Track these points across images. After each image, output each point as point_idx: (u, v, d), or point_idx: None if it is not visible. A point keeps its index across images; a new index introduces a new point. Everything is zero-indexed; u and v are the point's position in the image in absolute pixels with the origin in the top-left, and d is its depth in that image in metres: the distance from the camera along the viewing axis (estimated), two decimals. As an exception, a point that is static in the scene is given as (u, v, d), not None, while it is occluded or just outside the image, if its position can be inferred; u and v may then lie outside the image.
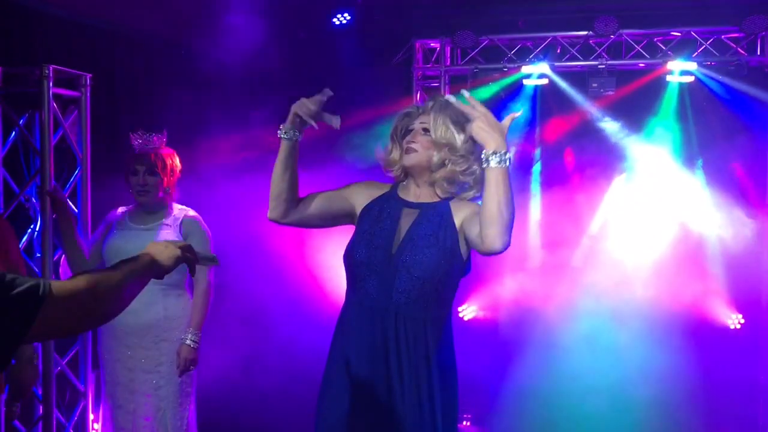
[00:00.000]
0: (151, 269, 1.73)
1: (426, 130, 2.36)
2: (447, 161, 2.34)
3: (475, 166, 2.35)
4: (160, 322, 3.29)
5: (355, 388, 2.31)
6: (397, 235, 2.34)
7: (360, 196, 2.44)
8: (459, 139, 2.33)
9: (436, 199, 2.39)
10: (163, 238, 3.14)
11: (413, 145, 2.36)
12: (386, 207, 2.40)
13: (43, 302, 1.38)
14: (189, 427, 3.40)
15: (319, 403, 2.41)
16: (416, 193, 2.41)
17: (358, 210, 2.43)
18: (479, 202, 2.30)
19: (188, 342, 3.28)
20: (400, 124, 2.44)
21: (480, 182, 2.36)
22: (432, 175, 2.37)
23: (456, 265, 2.31)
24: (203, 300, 3.33)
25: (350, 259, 2.36)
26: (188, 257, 1.84)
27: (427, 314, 2.30)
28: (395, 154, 2.44)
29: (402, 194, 2.43)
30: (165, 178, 3.35)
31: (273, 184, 2.33)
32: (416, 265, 2.26)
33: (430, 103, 2.40)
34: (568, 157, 5.56)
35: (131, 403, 3.30)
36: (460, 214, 2.33)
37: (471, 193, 2.40)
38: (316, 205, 2.39)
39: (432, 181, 2.38)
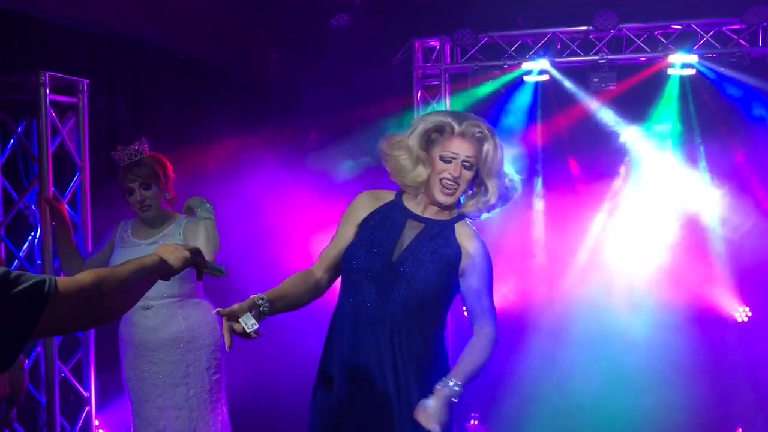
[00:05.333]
0: (160, 269, 1.74)
1: (469, 165, 2.29)
2: (481, 193, 2.34)
3: (511, 194, 2.39)
4: (182, 333, 3.25)
5: (347, 396, 2.30)
6: (399, 245, 2.31)
7: (360, 215, 2.39)
8: (503, 172, 2.34)
9: (443, 218, 2.36)
10: None
11: (457, 180, 2.28)
12: (389, 215, 2.36)
13: (48, 299, 1.38)
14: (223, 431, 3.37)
15: (312, 403, 2.40)
16: (425, 207, 2.37)
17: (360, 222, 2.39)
18: (483, 242, 2.35)
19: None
20: (427, 133, 2.31)
21: (494, 207, 2.39)
22: (464, 209, 2.36)
23: (454, 284, 2.31)
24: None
25: (348, 264, 2.33)
26: (196, 261, 1.86)
27: (422, 327, 2.28)
28: (422, 167, 2.31)
29: (408, 204, 2.39)
30: (161, 187, 3.27)
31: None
32: (417, 278, 2.25)
33: (476, 132, 2.28)
34: (571, 159, 5.54)
35: (161, 420, 3.24)
36: (465, 244, 2.32)
37: (482, 211, 2.39)
38: (336, 263, 2.39)
39: (462, 210, 2.36)
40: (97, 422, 3.97)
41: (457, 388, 2.15)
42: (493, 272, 2.36)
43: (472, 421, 5.28)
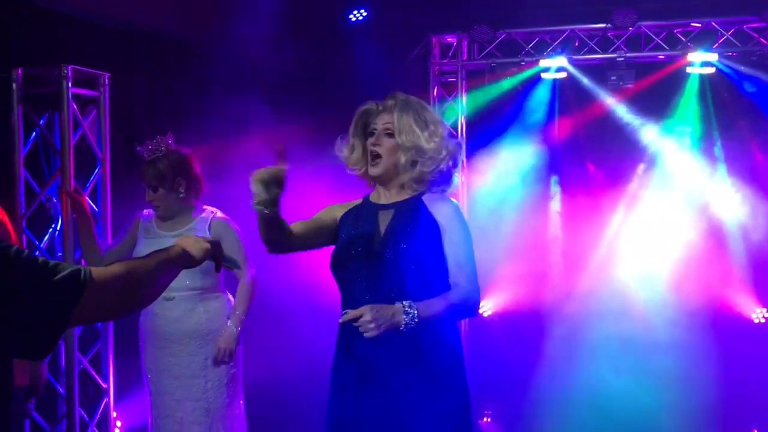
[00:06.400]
0: (183, 259, 1.79)
1: (389, 133, 2.35)
2: (416, 162, 2.35)
3: (443, 164, 2.37)
4: (202, 325, 3.28)
5: (359, 389, 2.32)
6: (376, 234, 2.35)
7: (337, 213, 2.47)
8: (424, 138, 2.34)
9: (407, 197, 2.40)
10: None
11: (378, 149, 2.36)
12: (362, 213, 2.43)
13: (84, 288, 1.42)
14: (239, 423, 3.40)
15: (329, 401, 2.42)
16: (387, 195, 2.43)
17: (338, 221, 2.46)
18: (453, 202, 2.39)
19: (229, 330, 3.26)
20: (360, 121, 2.43)
21: (447, 178, 2.42)
22: (400, 177, 2.38)
23: (441, 256, 2.31)
24: (246, 292, 3.32)
25: (336, 264, 2.39)
26: (216, 253, 1.92)
27: None
28: (357, 153, 2.43)
29: (374, 199, 2.46)
30: (172, 187, 3.28)
31: (263, 236, 2.28)
32: (399, 259, 2.27)
33: (390, 102, 2.39)
34: (588, 157, 5.52)
35: (179, 411, 3.27)
36: (438, 214, 2.34)
37: (439, 189, 2.41)
38: (305, 232, 2.39)
39: (400, 183, 2.39)
40: (114, 413, 4.01)
41: (410, 310, 2.07)
42: (468, 232, 2.36)
43: (485, 419, 5.28)
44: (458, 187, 2.52)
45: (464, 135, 5.36)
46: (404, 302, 2.11)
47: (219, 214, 3.38)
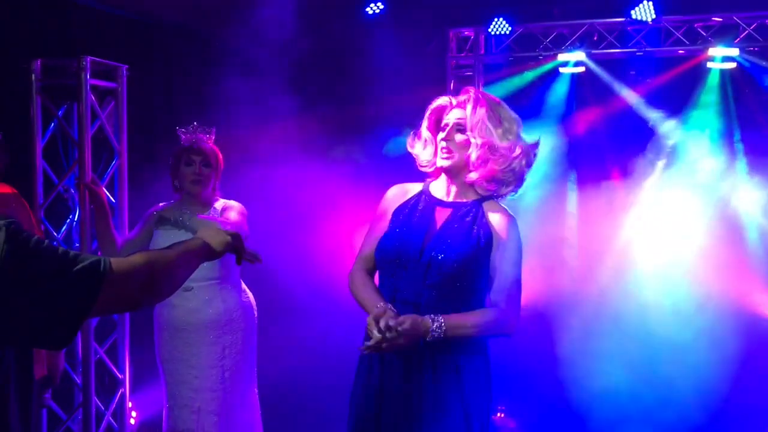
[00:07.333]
0: (203, 252, 1.79)
1: (461, 128, 2.32)
2: (488, 160, 2.30)
3: (515, 164, 2.31)
4: (220, 316, 3.30)
5: (386, 383, 2.30)
6: (428, 231, 2.32)
7: (391, 209, 2.43)
8: (497, 134, 2.29)
9: (470, 199, 2.36)
10: None
11: (448, 144, 2.32)
12: (418, 205, 2.39)
13: (104, 278, 1.42)
14: (254, 413, 3.43)
15: (352, 394, 2.42)
16: (449, 191, 2.38)
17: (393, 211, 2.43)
18: (513, 218, 2.34)
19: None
20: (433, 116, 2.40)
21: (520, 179, 2.35)
22: (470, 175, 2.33)
23: (486, 268, 2.29)
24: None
25: (382, 254, 2.35)
26: (237, 246, 1.91)
27: (457, 312, 2.26)
28: (429, 151, 2.40)
29: (434, 192, 2.41)
30: (217, 173, 3.38)
31: None
32: (447, 262, 2.24)
33: (464, 97, 2.36)
34: (606, 153, 5.47)
35: (196, 401, 3.29)
36: (496, 225, 2.30)
37: (509, 189, 2.37)
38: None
39: (470, 181, 2.34)
40: (130, 404, 4.03)
41: (438, 330, 2.13)
42: (521, 250, 2.31)
43: (499, 414, 5.26)
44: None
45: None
46: (435, 320, 2.13)
47: (230, 202, 3.43)
